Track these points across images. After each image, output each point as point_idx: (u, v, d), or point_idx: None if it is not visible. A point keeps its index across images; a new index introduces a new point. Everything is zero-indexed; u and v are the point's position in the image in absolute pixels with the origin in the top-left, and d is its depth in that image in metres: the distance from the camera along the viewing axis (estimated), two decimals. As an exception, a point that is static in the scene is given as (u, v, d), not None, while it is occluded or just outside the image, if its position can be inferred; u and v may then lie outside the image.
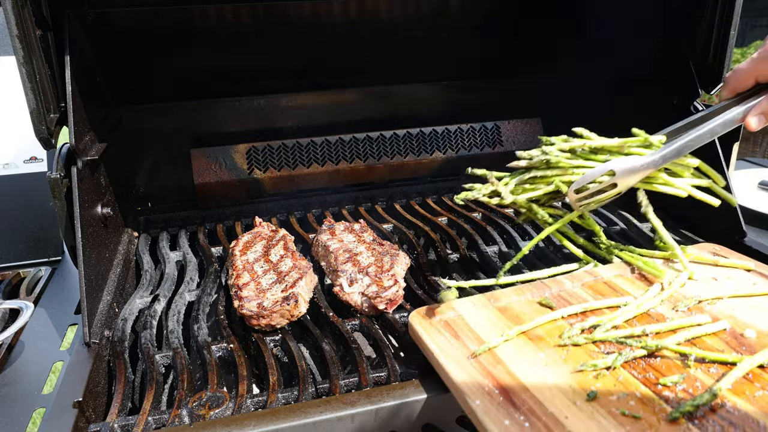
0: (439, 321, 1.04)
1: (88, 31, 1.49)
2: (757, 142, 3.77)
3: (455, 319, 1.04)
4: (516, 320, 1.03)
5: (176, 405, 0.94)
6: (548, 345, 0.96)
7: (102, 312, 1.21)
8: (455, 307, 1.07)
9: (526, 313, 1.06)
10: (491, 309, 1.07)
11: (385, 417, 0.91)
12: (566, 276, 1.18)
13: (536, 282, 1.15)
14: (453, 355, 0.93)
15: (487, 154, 2.05)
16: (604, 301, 1.08)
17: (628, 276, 1.18)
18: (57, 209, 1.19)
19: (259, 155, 1.87)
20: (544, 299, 1.09)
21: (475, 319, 1.04)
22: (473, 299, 1.10)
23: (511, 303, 1.09)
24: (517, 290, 1.13)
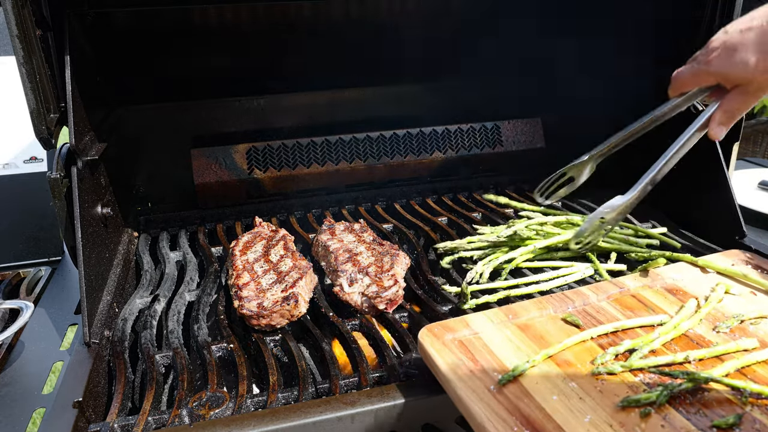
0: (453, 340, 0.93)
1: (88, 31, 1.49)
2: (757, 142, 3.77)
3: (471, 338, 0.94)
4: (540, 341, 0.94)
5: (176, 405, 0.94)
6: (580, 373, 0.86)
7: (102, 312, 1.21)
8: (470, 324, 0.97)
9: (551, 333, 0.96)
10: (510, 326, 0.97)
11: (385, 417, 0.90)
12: (590, 288, 1.09)
13: (557, 294, 1.07)
14: (473, 384, 0.83)
15: (487, 154, 2.05)
16: (637, 319, 0.99)
17: (656, 287, 1.11)
18: (57, 209, 1.19)
19: (259, 155, 1.87)
20: (568, 316, 1.00)
21: (493, 338, 0.94)
22: (489, 315, 1.00)
23: (533, 319, 1.00)
24: (537, 304, 1.04)
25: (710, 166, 1.49)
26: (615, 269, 1.34)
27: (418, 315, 1.19)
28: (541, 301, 1.05)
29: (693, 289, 1.11)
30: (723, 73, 1.04)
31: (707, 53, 1.06)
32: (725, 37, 1.03)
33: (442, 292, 1.28)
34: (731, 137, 1.49)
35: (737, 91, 1.06)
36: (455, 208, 1.78)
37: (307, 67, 1.89)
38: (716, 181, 1.48)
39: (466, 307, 1.17)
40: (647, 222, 1.60)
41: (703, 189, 1.55)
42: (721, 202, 1.48)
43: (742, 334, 0.96)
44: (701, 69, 1.07)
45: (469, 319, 0.98)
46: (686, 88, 1.14)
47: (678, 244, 1.45)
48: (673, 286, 1.13)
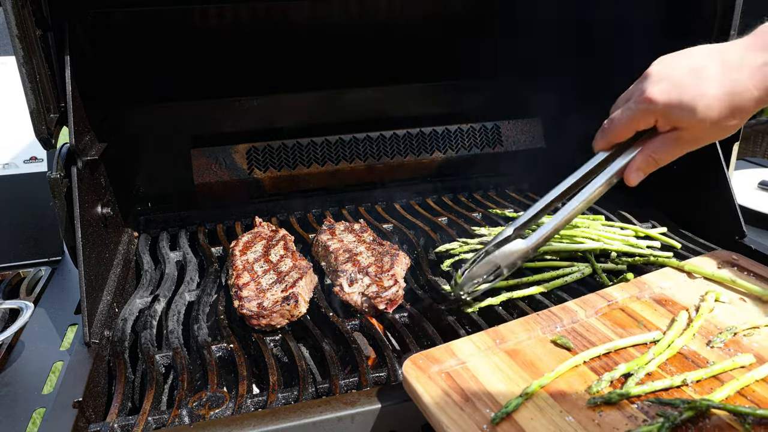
0: (439, 372, 0.88)
1: (88, 31, 1.49)
2: (757, 142, 3.77)
3: (459, 370, 0.89)
4: (530, 368, 0.89)
5: (176, 405, 0.94)
6: (575, 404, 0.81)
7: (102, 312, 1.21)
8: (456, 352, 0.92)
9: (541, 358, 0.91)
10: (498, 353, 0.93)
11: (385, 417, 0.90)
12: (577, 302, 1.06)
13: (544, 312, 1.03)
14: (464, 425, 0.78)
15: (487, 154, 2.05)
16: (629, 339, 0.95)
17: (644, 298, 1.08)
18: (57, 209, 1.19)
19: (259, 155, 1.87)
20: (558, 338, 0.95)
21: (482, 368, 0.89)
22: (476, 340, 0.95)
23: (521, 343, 0.95)
24: (524, 324, 0.99)
25: (710, 166, 1.49)
26: (615, 269, 1.34)
27: (418, 315, 1.19)
28: (528, 321, 1.00)
29: (682, 298, 1.08)
30: (666, 111, 0.91)
31: (647, 87, 0.93)
32: (670, 70, 0.92)
33: (442, 292, 1.28)
34: (731, 137, 1.49)
35: (671, 135, 0.95)
36: (455, 208, 1.78)
37: (307, 67, 1.89)
38: (716, 181, 1.48)
39: (469, 311, 1.17)
40: (647, 222, 1.60)
41: (703, 189, 1.55)
42: (721, 202, 1.48)
43: (737, 348, 0.93)
44: (642, 108, 0.94)
45: (454, 347, 0.93)
46: (622, 136, 1.00)
47: (678, 245, 1.45)
48: (662, 296, 1.09)
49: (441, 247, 1.47)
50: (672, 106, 0.91)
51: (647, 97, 0.93)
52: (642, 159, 0.99)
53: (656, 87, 0.92)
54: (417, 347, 1.07)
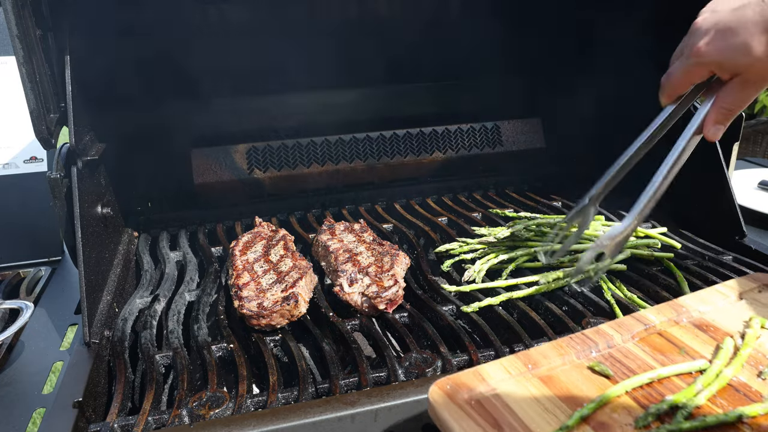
0: (469, 401, 0.82)
1: (88, 31, 1.49)
2: (757, 142, 3.77)
3: (490, 397, 0.83)
4: (568, 397, 0.83)
5: (176, 405, 0.94)
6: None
7: (102, 312, 1.21)
8: (485, 377, 0.86)
9: (578, 387, 0.86)
10: (532, 380, 0.87)
11: (385, 417, 0.90)
12: (612, 325, 0.99)
13: (578, 335, 0.96)
14: None
15: (487, 154, 2.05)
16: (673, 367, 0.89)
17: (683, 323, 1.01)
18: (57, 209, 1.19)
19: (259, 155, 1.87)
20: (596, 364, 0.89)
21: (515, 397, 0.83)
22: (506, 364, 0.89)
23: (555, 369, 0.89)
24: (557, 348, 0.93)
25: (710, 166, 1.49)
26: (615, 269, 1.34)
27: (418, 315, 1.19)
28: (561, 345, 0.94)
29: (724, 323, 1.01)
30: (719, 61, 0.91)
31: (695, 41, 0.93)
32: (714, 18, 0.90)
33: (442, 292, 1.28)
34: (731, 137, 1.50)
35: (735, 81, 0.93)
36: (455, 208, 1.78)
37: (306, 67, 1.89)
38: (716, 181, 1.48)
39: (469, 310, 1.17)
40: (647, 222, 1.60)
41: (703, 189, 1.55)
42: (721, 202, 1.48)
43: None
44: (692, 62, 0.94)
45: (483, 372, 0.86)
46: (680, 90, 1.01)
47: (678, 245, 1.45)
48: (702, 320, 1.02)
49: (441, 247, 1.47)
50: (722, 54, 0.90)
51: (696, 51, 0.92)
52: (716, 112, 0.97)
53: (703, 39, 0.91)
54: (417, 347, 1.07)
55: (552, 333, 1.09)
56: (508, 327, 1.14)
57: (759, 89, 0.93)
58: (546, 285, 1.26)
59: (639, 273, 1.34)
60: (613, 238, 1.03)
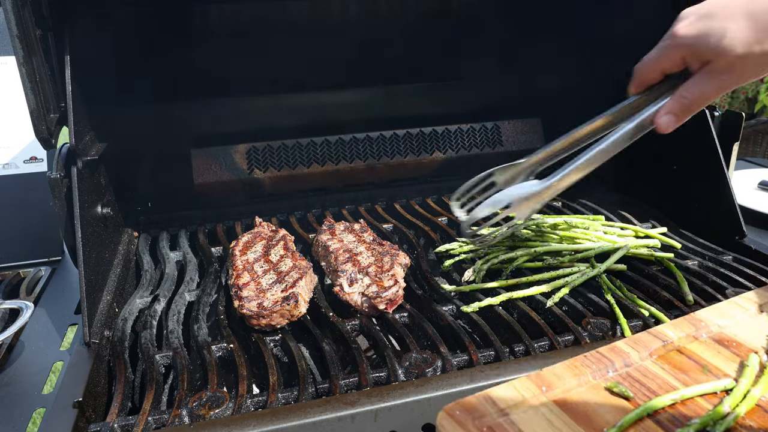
0: (480, 427, 0.77)
1: (88, 31, 1.49)
2: (757, 142, 3.77)
3: (502, 423, 0.78)
4: (586, 422, 0.78)
5: (176, 405, 0.94)
6: None
7: (102, 312, 1.21)
8: (497, 402, 0.81)
9: (596, 410, 0.80)
10: (547, 403, 0.82)
11: (384, 417, 0.90)
12: (628, 342, 0.94)
13: (592, 354, 0.91)
14: None
15: (487, 154, 2.05)
16: (697, 387, 0.84)
17: (703, 338, 0.96)
18: (57, 209, 1.19)
19: (259, 155, 1.87)
20: (614, 385, 0.85)
21: (529, 423, 0.78)
22: (518, 387, 0.84)
23: (570, 391, 0.84)
24: (571, 368, 0.88)
25: (710, 166, 1.49)
26: (615, 269, 1.34)
27: (418, 315, 1.19)
28: (575, 364, 0.89)
29: (747, 338, 0.96)
30: (692, 44, 0.88)
31: (674, 25, 0.91)
32: (695, 8, 0.89)
33: (442, 292, 1.28)
34: (731, 137, 1.50)
35: (703, 71, 0.89)
36: (455, 208, 1.78)
37: (306, 67, 1.89)
38: (716, 181, 1.48)
39: (469, 310, 1.17)
40: (647, 222, 1.60)
41: (703, 189, 1.55)
42: (721, 202, 1.48)
43: None
44: (666, 44, 0.91)
45: (494, 396, 0.81)
46: (651, 76, 0.96)
47: (678, 245, 1.45)
48: (722, 335, 0.98)
49: (441, 247, 1.47)
50: (697, 38, 0.87)
51: (672, 33, 0.91)
52: (673, 100, 0.93)
53: (681, 23, 0.90)
54: (417, 347, 1.07)
55: (552, 333, 1.10)
56: (508, 327, 1.14)
57: (724, 84, 0.89)
58: (547, 285, 1.26)
59: (639, 273, 1.34)
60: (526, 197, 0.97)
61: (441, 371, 1.01)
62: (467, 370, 1.00)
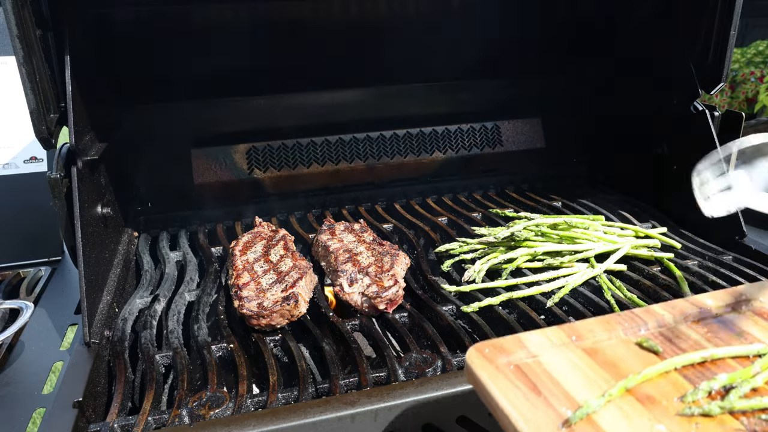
0: (508, 365, 0.80)
1: (88, 31, 1.49)
2: (757, 142, 3.77)
3: (530, 363, 0.81)
4: (612, 369, 0.80)
5: (176, 405, 0.94)
6: (666, 412, 0.73)
7: (102, 312, 1.21)
8: (527, 345, 0.83)
9: (624, 360, 0.82)
10: (575, 350, 0.84)
11: (384, 417, 0.90)
12: (664, 306, 0.95)
13: (625, 313, 0.93)
14: (537, 422, 0.70)
15: (487, 154, 2.05)
16: (728, 348, 0.84)
17: (741, 310, 0.95)
18: (57, 209, 1.19)
19: (259, 155, 1.87)
20: (644, 340, 0.86)
21: (556, 364, 0.80)
22: (548, 334, 0.86)
23: (600, 342, 0.86)
24: (603, 324, 0.90)
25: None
26: (614, 269, 1.34)
27: (418, 315, 1.19)
28: (608, 321, 0.90)
29: None
30: None
31: None
32: None
33: (442, 292, 1.28)
34: (731, 137, 1.49)
35: None
36: (455, 208, 1.78)
37: (307, 67, 1.89)
38: (716, 181, 1.48)
39: (468, 310, 1.17)
40: (647, 222, 1.60)
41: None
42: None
43: None
44: None
45: (525, 339, 0.85)
46: None
47: (678, 245, 1.45)
48: (763, 309, 0.96)
49: (441, 247, 1.47)
50: None
51: None
52: None
53: None
54: (417, 347, 1.07)
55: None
56: (508, 327, 1.14)
57: None
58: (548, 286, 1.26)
59: (639, 273, 1.34)
60: None
61: (441, 371, 1.01)
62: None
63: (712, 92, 1.51)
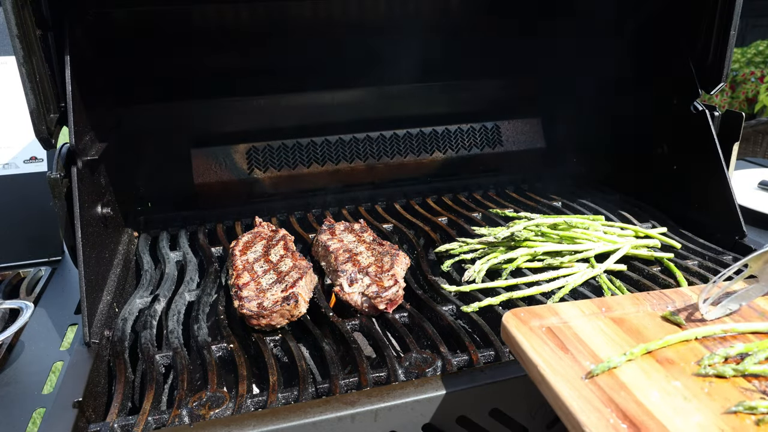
0: (540, 327, 0.88)
1: (88, 31, 1.49)
2: (757, 142, 3.77)
3: (560, 327, 0.89)
4: (637, 335, 0.87)
5: (176, 405, 0.94)
6: (683, 372, 0.79)
7: (102, 312, 1.21)
8: (559, 312, 0.92)
9: (649, 329, 0.89)
10: (603, 319, 0.92)
11: (384, 417, 0.91)
12: (692, 288, 1.01)
13: (654, 292, 0.99)
14: (563, 372, 0.78)
15: (487, 154, 2.05)
16: (749, 324, 0.88)
17: None
18: (57, 209, 1.19)
19: (259, 155, 1.87)
20: (669, 314, 0.92)
21: (584, 329, 0.88)
22: (580, 305, 0.94)
23: (628, 314, 0.93)
24: (632, 299, 0.97)
25: (710, 166, 1.49)
26: (615, 269, 1.34)
27: (418, 315, 1.19)
28: (637, 297, 0.98)
29: None
30: None
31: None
32: None
33: (442, 292, 1.28)
34: (731, 137, 1.50)
35: None
36: (455, 208, 1.78)
37: (307, 67, 1.90)
38: (716, 181, 1.48)
39: (469, 311, 1.17)
40: (647, 222, 1.60)
41: (703, 189, 1.55)
42: (721, 202, 1.48)
43: None
44: None
45: (557, 308, 0.93)
46: None
47: (678, 245, 1.45)
48: None
49: (441, 247, 1.47)
50: None
51: None
52: None
53: None
54: (417, 347, 1.07)
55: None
56: (508, 327, 1.14)
57: None
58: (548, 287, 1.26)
59: (639, 273, 1.34)
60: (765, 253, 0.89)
61: (441, 371, 1.01)
62: (467, 370, 1.00)
63: (712, 92, 1.51)
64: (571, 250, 1.38)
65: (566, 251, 1.38)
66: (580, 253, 1.37)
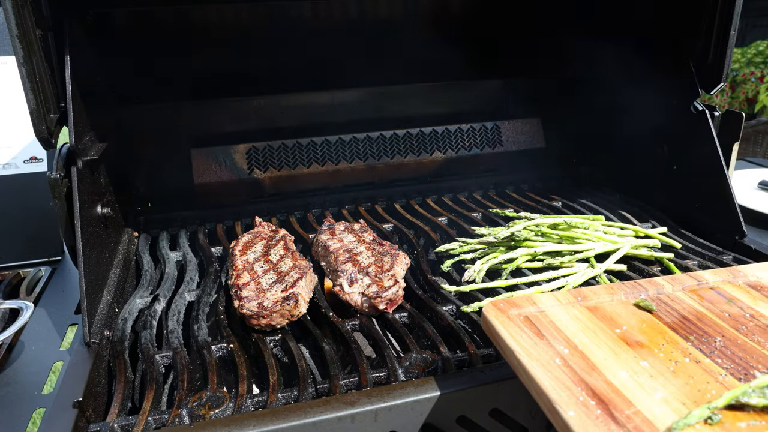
0: (518, 315, 0.93)
1: (88, 31, 1.49)
2: (757, 142, 3.77)
3: (537, 315, 0.94)
4: (609, 322, 0.93)
5: (176, 405, 0.94)
6: (651, 353, 0.85)
7: (102, 312, 1.21)
8: (537, 302, 0.97)
9: (621, 315, 0.95)
10: (578, 307, 0.97)
11: (384, 417, 0.91)
12: (665, 278, 1.06)
13: (629, 282, 1.04)
14: (538, 356, 0.83)
15: (487, 154, 2.05)
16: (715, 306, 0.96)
17: (738, 283, 1.05)
18: (57, 209, 1.19)
19: (259, 155, 1.87)
20: (641, 301, 0.98)
21: (560, 316, 0.94)
22: (557, 295, 0.99)
23: (602, 303, 0.99)
24: (607, 289, 1.02)
25: (710, 166, 1.49)
26: (615, 269, 1.34)
27: (418, 315, 1.19)
28: (612, 286, 1.02)
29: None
30: None
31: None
32: None
33: (442, 292, 1.28)
34: (731, 137, 1.50)
35: None
36: (455, 208, 1.78)
37: (307, 67, 1.89)
38: (716, 181, 1.48)
39: (469, 311, 1.18)
40: (647, 222, 1.60)
41: (703, 189, 1.55)
42: (721, 202, 1.48)
43: None
44: None
45: (535, 298, 0.98)
46: None
47: (678, 245, 1.45)
48: (758, 283, 1.05)
49: (441, 247, 1.47)
50: None
51: None
52: None
53: None
54: (417, 347, 1.07)
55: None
56: (508, 327, 1.14)
57: None
58: (547, 286, 1.26)
59: (639, 273, 1.34)
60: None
61: (441, 371, 1.01)
62: (467, 370, 1.00)
63: (712, 92, 1.51)
64: (571, 250, 1.38)
65: (566, 251, 1.38)
66: (580, 253, 1.37)
